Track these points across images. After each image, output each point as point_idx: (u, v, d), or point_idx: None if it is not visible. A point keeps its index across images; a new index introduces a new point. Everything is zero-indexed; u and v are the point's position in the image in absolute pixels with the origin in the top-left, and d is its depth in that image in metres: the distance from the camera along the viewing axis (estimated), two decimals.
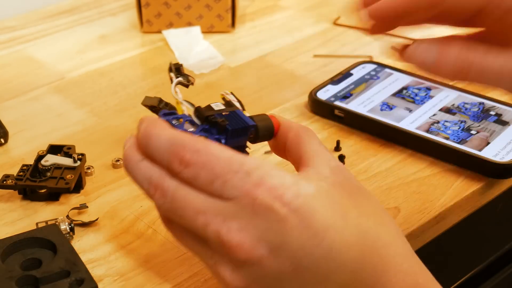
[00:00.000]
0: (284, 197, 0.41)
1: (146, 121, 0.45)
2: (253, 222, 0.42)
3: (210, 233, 0.42)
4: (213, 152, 0.42)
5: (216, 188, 0.42)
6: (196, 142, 0.43)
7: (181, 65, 0.50)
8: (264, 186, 0.41)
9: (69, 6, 0.99)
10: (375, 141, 0.70)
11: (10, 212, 0.61)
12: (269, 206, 0.41)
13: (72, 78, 0.83)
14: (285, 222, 0.41)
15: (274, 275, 0.43)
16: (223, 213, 0.42)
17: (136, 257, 0.57)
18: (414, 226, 0.60)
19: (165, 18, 0.91)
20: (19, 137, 0.72)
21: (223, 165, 0.42)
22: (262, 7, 0.99)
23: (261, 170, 0.42)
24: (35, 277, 0.51)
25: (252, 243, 0.42)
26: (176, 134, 0.44)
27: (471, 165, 0.65)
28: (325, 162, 0.46)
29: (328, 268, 0.42)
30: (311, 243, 0.42)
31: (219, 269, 0.44)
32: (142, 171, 0.44)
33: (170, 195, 0.43)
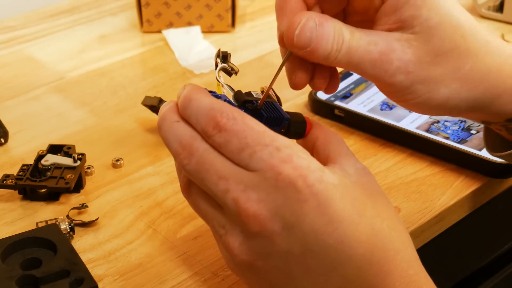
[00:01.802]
0: (308, 178, 0.42)
1: (190, 86, 0.46)
2: (272, 195, 0.42)
3: (228, 199, 0.43)
4: (248, 123, 0.43)
5: (244, 157, 0.43)
6: (234, 111, 0.44)
7: (228, 54, 0.52)
8: (291, 164, 0.42)
9: (69, 6, 0.99)
10: (375, 141, 0.70)
11: (10, 212, 0.61)
12: (292, 182, 0.42)
13: (72, 78, 0.83)
14: (304, 203, 0.42)
15: (282, 254, 0.43)
16: (245, 182, 0.43)
17: (136, 257, 0.57)
18: (414, 226, 0.60)
19: (165, 18, 0.91)
20: (19, 137, 0.72)
21: (255, 137, 0.43)
22: (262, 7, 0.99)
23: (291, 149, 0.43)
24: (35, 276, 0.51)
25: (268, 216, 0.42)
26: (217, 100, 0.45)
27: (471, 165, 0.65)
28: (351, 163, 0.46)
29: (336, 259, 0.42)
30: (323, 230, 0.42)
31: (229, 239, 0.44)
32: (175, 131, 0.45)
33: (197, 156, 0.44)
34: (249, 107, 0.48)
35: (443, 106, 0.49)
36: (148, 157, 0.68)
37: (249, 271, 0.45)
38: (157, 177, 0.66)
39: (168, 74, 0.83)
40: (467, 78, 0.48)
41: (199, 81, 0.81)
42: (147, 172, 0.66)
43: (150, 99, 0.70)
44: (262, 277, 0.45)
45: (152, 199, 0.63)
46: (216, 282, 0.54)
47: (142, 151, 0.69)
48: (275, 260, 0.44)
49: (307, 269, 0.43)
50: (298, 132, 0.50)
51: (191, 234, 0.59)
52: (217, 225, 0.45)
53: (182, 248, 0.57)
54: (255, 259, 0.44)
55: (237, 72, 0.51)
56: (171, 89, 0.80)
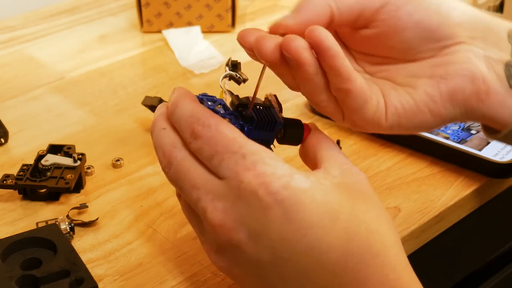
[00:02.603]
0: (271, 185, 0.42)
1: (178, 91, 0.47)
2: (236, 205, 0.42)
3: (200, 209, 0.44)
4: (221, 130, 0.43)
5: (214, 164, 0.43)
6: (210, 118, 0.44)
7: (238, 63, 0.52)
8: (253, 171, 0.42)
9: (69, 6, 0.99)
10: (375, 141, 0.70)
11: (10, 212, 0.61)
12: (253, 191, 0.42)
13: (72, 78, 0.83)
14: (267, 211, 0.41)
15: (254, 262, 0.43)
16: (214, 192, 0.43)
17: (136, 257, 0.56)
18: (414, 226, 0.60)
19: (165, 18, 0.91)
20: (19, 137, 0.72)
21: (225, 144, 0.43)
22: (262, 7, 0.99)
23: (257, 156, 0.43)
24: (35, 276, 0.51)
25: (232, 226, 0.42)
26: (198, 107, 0.45)
27: (471, 165, 0.65)
28: (337, 165, 0.45)
29: (308, 265, 0.42)
30: (291, 237, 0.41)
31: (206, 247, 0.45)
32: (160, 139, 0.46)
33: (175, 165, 0.45)
34: (242, 111, 0.48)
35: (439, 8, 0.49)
36: (148, 157, 0.68)
37: (230, 275, 0.46)
38: (157, 177, 0.66)
39: (168, 74, 0.83)
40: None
41: (199, 81, 0.81)
42: (147, 172, 0.66)
43: (150, 99, 0.70)
44: (244, 282, 0.45)
45: (152, 199, 0.63)
46: (216, 282, 0.54)
47: (142, 151, 0.69)
48: (249, 267, 0.43)
49: (281, 276, 0.43)
50: (294, 138, 0.49)
51: (191, 234, 0.59)
52: (198, 232, 0.46)
53: (182, 248, 0.57)
54: (230, 267, 0.44)
55: (246, 81, 0.51)
56: (171, 89, 0.79)
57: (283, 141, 0.50)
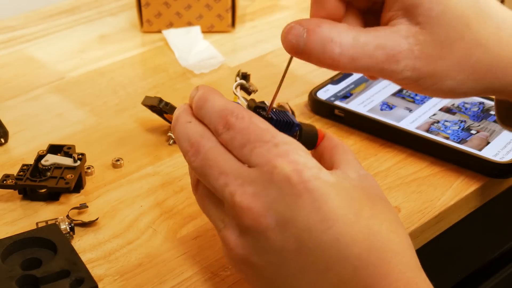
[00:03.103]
0: (304, 173, 0.43)
1: (205, 87, 0.48)
2: (267, 189, 0.43)
3: (226, 193, 0.44)
4: (254, 121, 0.45)
5: (245, 153, 0.44)
6: (244, 111, 0.46)
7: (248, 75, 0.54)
8: (287, 158, 0.43)
9: (69, 6, 0.99)
10: (375, 141, 0.70)
11: (10, 212, 0.61)
12: (287, 176, 0.42)
13: (72, 78, 0.83)
14: (298, 198, 0.42)
15: (277, 250, 0.43)
16: (244, 177, 0.44)
17: (136, 257, 0.57)
18: (414, 226, 0.60)
19: (165, 18, 0.91)
20: (19, 137, 0.72)
21: (258, 133, 0.44)
22: (262, 7, 0.99)
23: (289, 145, 0.44)
24: (35, 276, 0.51)
25: (261, 210, 0.43)
26: (229, 101, 0.47)
27: (471, 165, 0.65)
28: (354, 169, 0.46)
29: (331, 257, 0.42)
30: (318, 227, 0.42)
31: (226, 232, 0.45)
32: (186, 130, 0.47)
33: (203, 153, 0.46)
34: (260, 112, 0.49)
35: (450, 94, 0.49)
36: (148, 157, 0.68)
37: (245, 266, 0.46)
38: (157, 177, 0.66)
39: (168, 74, 0.83)
40: (474, 70, 0.47)
41: (199, 81, 0.81)
42: (147, 172, 0.66)
43: (150, 99, 0.70)
44: (258, 273, 0.45)
45: (152, 199, 0.63)
46: (216, 282, 0.54)
47: (142, 151, 0.69)
48: (270, 256, 0.44)
49: (302, 267, 0.43)
50: (309, 142, 0.50)
51: (191, 234, 0.59)
52: (217, 219, 0.47)
53: (182, 248, 0.57)
54: (250, 254, 0.44)
55: (256, 91, 0.53)
56: (171, 89, 0.80)
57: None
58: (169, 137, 0.70)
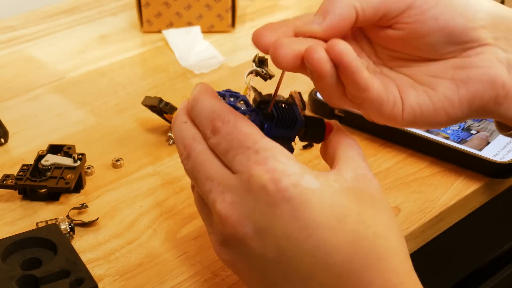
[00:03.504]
0: (281, 182, 0.42)
1: (199, 87, 0.48)
2: (244, 198, 0.43)
3: (210, 200, 0.44)
4: (238, 126, 0.44)
5: (229, 159, 0.44)
6: (230, 114, 0.45)
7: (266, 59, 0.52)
8: (264, 166, 0.42)
9: (69, 6, 0.99)
10: (375, 141, 0.70)
11: (10, 212, 0.61)
12: (263, 186, 0.42)
13: (72, 78, 0.83)
14: (275, 207, 0.42)
15: (258, 258, 0.43)
16: (225, 184, 0.44)
17: (136, 257, 0.56)
18: (414, 226, 0.60)
19: (165, 18, 0.91)
20: (19, 137, 0.72)
21: (240, 139, 0.44)
22: (262, 7, 0.99)
23: (269, 152, 0.43)
24: (35, 276, 0.51)
25: (238, 219, 0.43)
26: (218, 103, 0.46)
27: (471, 165, 0.65)
28: (352, 168, 0.45)
29: (313, 265, 0.42)
30: (297, 235, 0.41)
31: (212, 238, 0.46)
32: (182, 132, 0.47)
33: (193, 157, 0.46)
34: (263, 108, 0.49)
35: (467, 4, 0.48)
36: (148, 157, 0.68)
37: (234, 270, 0.46)
38: (157, 177, 0.66)
39: (168, 74, 0.83)
40: None
41: (199, 81, 0.81)
42: (147, 172, 0.66)
43: (150, 99, 0.70)
44: (246, 277, 0.45)
45: (152, 199, 0.63)
46: (216, 282, 0.54)
47: (142, 151, 0.69)
48: (252, 262, 0.44)
49: (284, 274, 0.43)
50: (315, 136, 0.50)
51: (191, 234, 0.59)
52: (206, 223, 0.47)
53: (182, 248, 0.57)
54: (234, 260, 0.45)
55: (272, 77, 0.52)
56: (171, 89, 0.80)
57: (305, 139, 0.50)
58: (169, 137, 0.70)
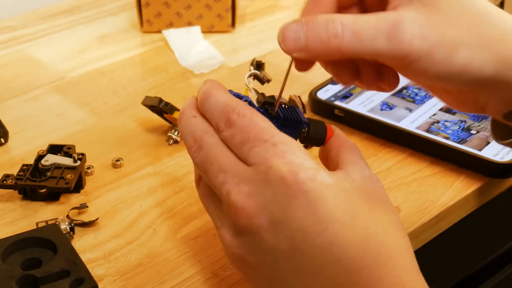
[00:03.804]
0: (299, 175, 0.42)
1: (210, 82, 0.48)
2: (262, 189, 0.43)
3: (223, 191, 0.44)
4: (254, 119, 0.45)
5: (244, 151, 0.44)
6: (246, 108, 0.45)
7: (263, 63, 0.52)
8: (283, 159, 0.43)
9: (69, 6, 0.99)
10: (375, 141, 0.70)
11: (10, 212, 0.61)
12: (282, 177, 0.42)
13: (72, 78, 0.83)
14: (292, 199, 0.42)
15: (270, 251, 0.43)
16: (241, 176, 0.44)
17: (136, 257, 0.57)
18: (414, 226, 0.60)
19: (165, 18, 0.91)
20: (19, 137, 0.72)
21: (257, 132, 0.44)
22: (262, 7, 0.99)
23: (288, 146, 0.44)
24: (35, 276, 0.51)
25: (255, 210, 0.43)
26: (232, 98, 0.46)
27: (471, 165, 0.65)
28: (359, 170, 0.46)
29: (325, 260, 0.42)
30: (312, 229, 0.42)
31: (222, 231, 0.46)
32: (191, 125, 0.47)
33: (205, 149, 0.46)
34: (268, 108, 0.49)
35: (466, 70, 0.46)
36: (148, 157, 0.68)
37: (242, 264, 0.46)
38: (157, 177, 0.66)
39: (168, 74, 0.83)
40: (486, 38, 0.46)
41: (199, 81, 0.81)
42: (147, 172, 0.66)
43: (150, 99, 0.70)
44: (255, 272, 0.45)
45: (152, 199, 0.63)
46: (216, 282, 0.54)
47: (142, 151, 0.69)
48: (264, 255, 0.44)
49: (295, 268, 0.43)
50: (317, 139, 0.50)
51: (191, 234, 0.59)
52: (215, 217, 0.47)
53: (182, 248, 0.57)
54: (245, 253, 0.45)
55: (269, 81, 0.52)
56: (171, 89, 0.80)
57: (306, 140, 0.50)
58: (169, 137, 0.70)
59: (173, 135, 0.70)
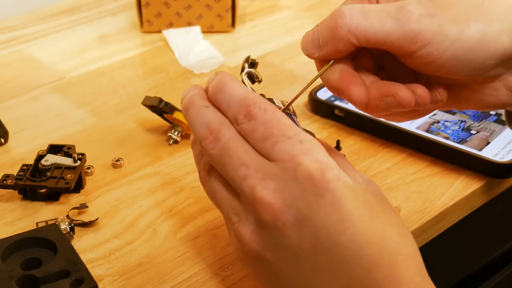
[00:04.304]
0: (327, 173, 0.43)
1: (223, 73, 0.47)
2: (290, 186, 0.43)
3: (246, 186, 0.44)
4: (278, 116, 0.45)
5: (267, 146, 0.44)
6: (267, 103, 0.45)
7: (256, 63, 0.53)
8: (311, 156, 0.43)
9: (69, 6, 0.99)
10: (375, 141, 0.70)
11: (10, 212, 0.61)
12: (311, 174, 0.42)
13: (72, 78, 0.83)
14: (319, 197, 0.42)
15: (292, 247, 0.43)
16: (265, 171, 0.43)
17: (136, 257, 0.57)
18: (414, 226, 0.60)
19: (165, 18, 0.91)
20: (19, 137, 0.72)
21: (281, 128, 0.44)
22: (262, 7, 0.99)
23: (313, 144, 0.44)
24: (35, 276, 0.51)
25: (282, 206, 0.43)
26: (250, 91, 0.46)
27: (471, 165, 0.65)
28: (358, 175, 0.47)
29: (345, 257, 0.42)
30: (336, 227, 0.42)
31: (241, 226, 0.45)
32: (204, 115, 0.46)
33: (223, 141, 0.45)
34: None
35: (482, 44, 0.46)
36: (148, 157, 0.68)
37: (257, 261, 0.46)
38: (157, 177, 0.66)
39: (168, 74, 0.83)
40: (493, 11, 0.46)
41: (199, 81, 0.81)
42: (147, 172, 0.66)
43: (150, 99, 0.70)
44: (270, 269, 0.45)
45: (152, 199, 0.63)
46: (216, 282, 0.54)
47: (142, 151, 0.69)
48: (284, 252, 0.44)
49: (315, 265, 0.43)
50: None
51: (191, 234, 0.59)
52: (231, 212, 0.46)
53: (182, 248, 0.57)
54: (264, 249, 0.44)
55: (261, 81, 0.52)
56: (171, 89, 0.80)
57: None
58: (169, 137, 0.70)
59: (173, 135, 0.70)
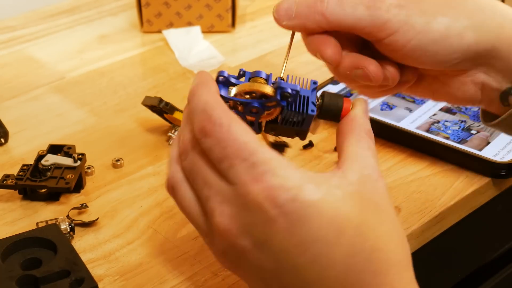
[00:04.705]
0: (278, 199, 0.41)
1: (198, 77, 0.46)
2: (242, 213, 0.42)
3: (208, 208, 0.43)
4: (232, 132, 0.42)
5: (223, 168, 0.42)
6: (223, 117, 0.43)
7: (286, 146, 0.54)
8: (261, 184, 0.41)
9: (69, 6, 0.99)
10: (375, 141, 0.69)
11: (10, 212, 0.61)
12: (259, 204, 0.41)
13: (72, 78, 0.83)
14: (272, 223, 0.41)
15: (256, 268, 0.43)
16: (223, 195, 0.43)
17: (136, 257, 0.57)
18: (414, 226, 0.60)
19: (165, 18, 0.91)
20: (19, 137, 0.72)
21: (235, 148, 0.42)
22: (262, 7, 0.99)
23: (267, 165, 0.41)
24: (35, 276, 0.51)
25: (237, 233, 0.42)
26: (212, 101, 0.44)
27: (471, 165, 0.65)
28: (358, 168, 0.44)
29: (308, 278, 0.42)
30: (294, 250, 0.41)
31: (211, 247, 0.45)
32: (183, 128, 0.46)
33: (191, 155, 0.44)
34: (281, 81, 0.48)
35: (446, 37, 0.48)
36: (148, 157, 0.68)
37: (234, 274, 0.46)
38: (157, 177, 0.66)
39: (168, 74, 0.83)
40: (462, 7, 0.49)
41: None
42: (147, 172, 0.66)
43: (150, 99, 0.70)
44: (248, 281, 0.45)
45: (152, 199, 0.63)
46: (216, 282, 0.54)
47: (142, 151, 0.69)
48: (252, 272, 0.43)
49: (282, 284, 0.43)
50: (330, 113, 0.49)
51: (191, 234, 0.59)
52: (202, 231, 0.45)
53: (182, 248, 0.57)
54: (235, 268, 0.45)
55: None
56: (171, 89, 0.80)
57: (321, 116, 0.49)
58: (169, 137, 0.70)
59: (173, 135, 0.70)
